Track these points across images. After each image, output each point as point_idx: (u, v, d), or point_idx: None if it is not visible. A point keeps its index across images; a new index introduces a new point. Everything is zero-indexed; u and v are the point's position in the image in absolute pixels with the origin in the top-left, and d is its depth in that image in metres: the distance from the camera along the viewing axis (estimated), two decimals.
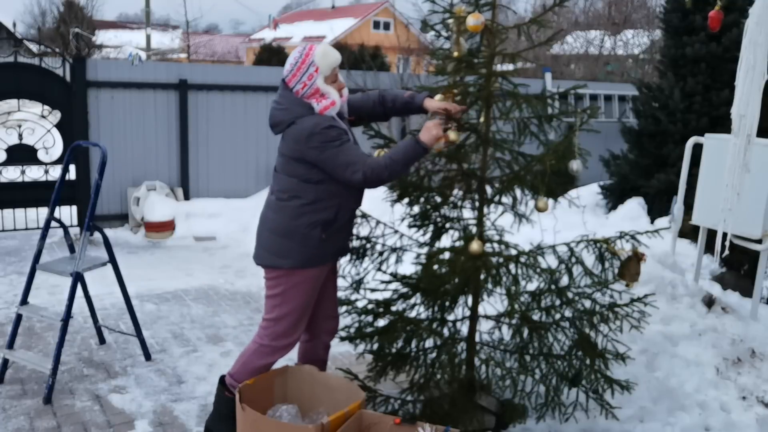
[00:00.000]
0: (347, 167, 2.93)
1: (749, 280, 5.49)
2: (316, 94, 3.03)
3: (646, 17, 19.51)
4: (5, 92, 7.20)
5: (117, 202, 7.92)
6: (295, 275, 3.10)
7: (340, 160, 2.94)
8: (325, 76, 3.03)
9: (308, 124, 2.97)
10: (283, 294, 3.13)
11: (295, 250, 3.08)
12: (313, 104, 3.02)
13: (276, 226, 3.11)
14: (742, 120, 3.25)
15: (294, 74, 3.04)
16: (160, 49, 29.76)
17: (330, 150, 2.94)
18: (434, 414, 3.29)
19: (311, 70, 3.02)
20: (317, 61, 3.02)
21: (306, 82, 3.02)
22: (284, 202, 3.10)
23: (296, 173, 3.06)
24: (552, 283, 3.28)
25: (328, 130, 2.96)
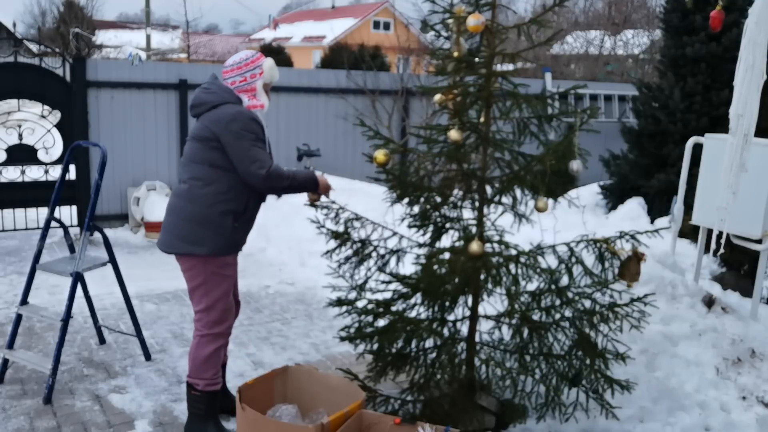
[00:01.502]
0: (255, 161, 3.09)
1: (749, 280, 5.49)
2: (251, 91, 3.24)
3: (646, 17, 19.51)
4: (5, 92, 7.20)
5: (117, 202, 7.92)
6: (211, 263, 3.22)
7: (251, 153, 3.09)
8: (264, 83, 3.27)
9: (233, 110, 3.12)
10: (206, 283, 3.24)
11: (209, 237, 3.18)
12: (244, 98, 3.23)
13: (189, 213, 3.19)
14: (740, 120, 3.25)
15: (238, 67, 3.24)
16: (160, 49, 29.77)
17: (245, 141, 3.09)
18: (434, 414, 3.29)
19: (257, 70, 3.25)
20: (265, 66, 3.26)
21: (247, 77, 3.23)
22: (198, 190, 3.18)
23: (209, 159, 3.15)
24: (552, 283, 3.28)
25: (250, 122, 3.13)
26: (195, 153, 3.20)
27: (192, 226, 3.19)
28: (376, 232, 3.54)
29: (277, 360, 4.43)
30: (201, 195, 3.19)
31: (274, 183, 3.13)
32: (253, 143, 3.11)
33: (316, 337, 4.91)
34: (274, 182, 3.13)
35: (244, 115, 3.12)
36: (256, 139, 3.12)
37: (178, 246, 3.23)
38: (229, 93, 3.21)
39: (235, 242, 3.29)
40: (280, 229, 7.26)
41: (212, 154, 3.15)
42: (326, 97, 9.03)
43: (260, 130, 3.16)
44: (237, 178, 3.16)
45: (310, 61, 30.23)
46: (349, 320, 3.61)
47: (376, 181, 3.51)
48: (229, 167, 3.15)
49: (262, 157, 3.11)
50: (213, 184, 3.16)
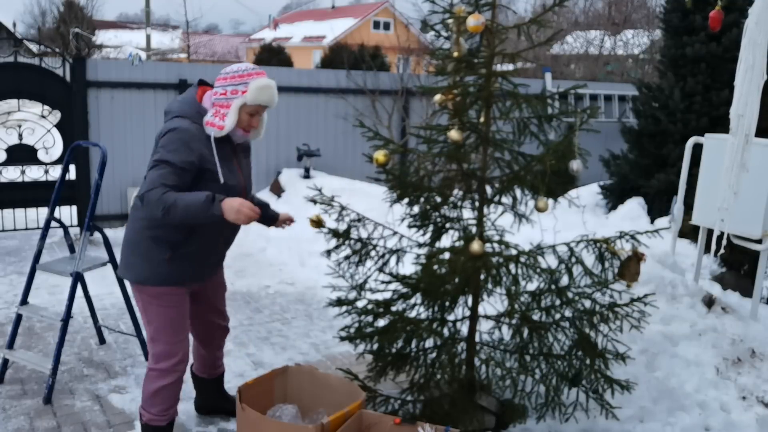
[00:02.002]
0: (144, 181, 2.72)
1: (749, 280, 5.49)
2: (222, 108, 2.80)
3: (646, 17, 19.52)
4: (5, 92, 7.20)
5: (117, 202, 7.92)
6: (142, 291, 2.93)
7: (149, 172, 2.71)
8: (245, 103, 2.80)
9: (172, 125, 2.76)
10: (145, 311, 2.98)
11: (138, 264, 2.90)
12: (209, 112, 2.83)
13: (126, 234, 2.97)
14: (741, 120, 3.25)
15: (225, 77, 2.83)
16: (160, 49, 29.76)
17: (156, 155, 2.72)
18: (434, 414, 3.29)
19: (240, 87, 2.80)
20: (251, 85, 2.78)
21: (228, 92, 2.80)
22: (135, 210, 2.94)
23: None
24: (552, 283, 3.28)
25: (175, 138, 2.71)
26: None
27: (125, 248, 2.96)
28: (376, 232, 3.54)
29: (277, 360, 4.43)
30: (135, 217, 2.93)
31: (149, 208, 2.68)
32: (157, 162, 2.69)
33: (316, 337, 4.91)
34: (148, 208, 2.68)
35: (177, 129, 2.73)
36: (163, 159, 2.69)
37: (120, 268, 3.02)
38: (191, 106, 2.84)
39: (170, 275, 2.90)
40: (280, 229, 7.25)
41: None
42: (326, 97, 9.03)
43: (179, 152, 2.69)
44: None
45: (310, 61, 30.24)
46: (349, 320, 3.61)
47: (376, 181, 3.51)
48: None
49: (152, 178, 2.66)
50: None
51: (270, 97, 2.84)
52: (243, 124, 2.85)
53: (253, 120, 2.87)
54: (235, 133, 2.86)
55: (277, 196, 8.45)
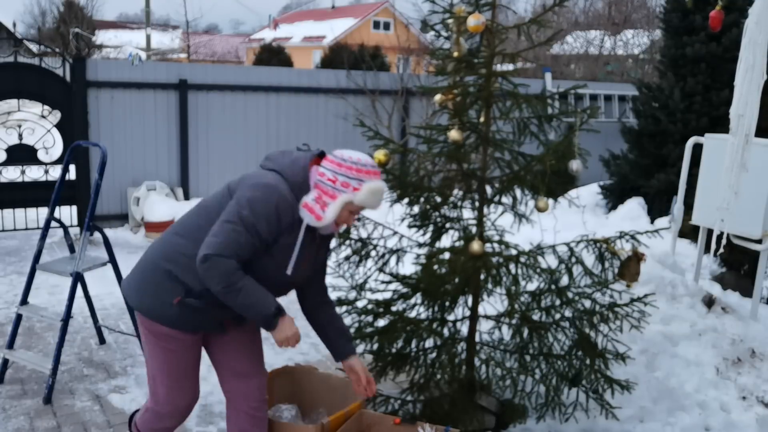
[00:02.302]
0: (216, 236, 2.33)
1: (749, 280, 5.49)
2: (327, 196, 2.43)
3: (646, 17, 19.52)
4: (5, 92, 7.20)
5: (117, 202, 7.92)
6: (146, 325, 2.56)
7: (226, 227, 2.33)
8: (350, 201, 2.44)
9: (271, 182, 2.40)
10: (147, 344, 2.62)
11: (147, 292, 2.52)
12: (312, 192, 2.44)
13: (148, 255, 2.58)
14: (741, 120, 3.25)
15: (340, 164, 2.45)
16: (160, 49, 29.76)
17: (238, 212, 2.34)
18: (434, 414, 3.29)
19: (353, 183, 2.43)
20: (365, 187, 2.44)
21: (338, 180, 2.43)
22: (170, 234, 2.55)
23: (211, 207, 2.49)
24: (552, 283, 3.28)
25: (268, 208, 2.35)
26: (212, 199, 2.53)
27: (137, 268, 2.59)
28: (376, 232, 3.54)
29: (277, 360, 4.43)
30: (166, 240, 2.54)
31: (210, 275, 2.32)
32: (239, 223, 2.33)
33: (316, 337, 4.90)
34: (209, 273, 2.32)
35: (276, 191, 2.37)
36: (248, 225, 2.33)
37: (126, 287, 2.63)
38: (300, 173, 2.45)
39: (182, 320, 2.51)
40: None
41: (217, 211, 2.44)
42: (326, 97, 9.03)
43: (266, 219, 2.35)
44: None
45: (310, 61, 30.24)
46: (349, 320, 3.61)
47: None
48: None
49: (229, 241, 2.31)
50: (186, 236, 2.48)
51: (379, 203, 2.52)
52: (340, 220, 2.50)
53: (351, 218, 2.52)
54: (328, 228, 2.52)
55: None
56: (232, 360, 2.72)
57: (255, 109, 8.55)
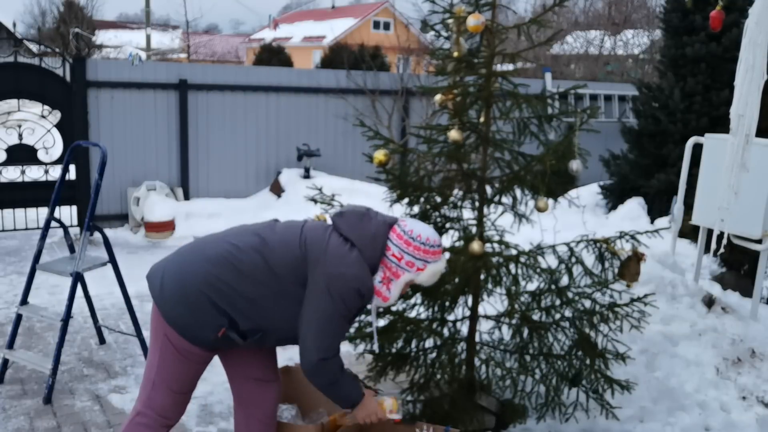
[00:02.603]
0: (323, 337, 2.38)
1: (749, 280, 5.49)
2: (392, 274, 2.47)
3: (646, 17, 19.52)
4: (5, 92, 7.20)
5: (117, 202, 7.92)
6: (171, 335, 2.46)
7: (327, 324, 2.38)
8: (413, 279, 2.49)
9: (359, 273, 2.39)
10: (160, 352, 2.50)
11: (181, 309, 2.42)
12: (379, 273, 2.47)
13: (189, 274, 2.44)
14: (741, 120, 3.25)
15: (409, 243, 2.45)
16: (160, 49, 29.76)
17: (335, 306, 2.36)
18: (434, 414, 3.29)
19: (419, 263, 2.46)
20: (430, 269, 2.48)
21: (404, 258, 2.45)
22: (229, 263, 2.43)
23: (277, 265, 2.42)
24: (552, 283, 3.28)
25: (359, 299, 2.41)
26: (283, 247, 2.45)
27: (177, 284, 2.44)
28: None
29: (277, 360, 4.42)
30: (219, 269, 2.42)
31: (320, 376, 2.43)
32: (338, 315, 2.37)
33: None
34: (319, 374, 2.43)
35: (359, 288, 2.38)
36: (346, 317, 2.40)
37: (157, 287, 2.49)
38: (376, 252, 2.45)
39: (209, 343, 2.48)
40: None
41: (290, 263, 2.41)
42: (326, 97, 9.03)
43: (357, 311, 2.45)
44: (271, 308, 2.42)
45: (310, 61, 30.24)
46: None
47: (376, 181, 3.51)
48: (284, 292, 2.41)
49: (335, 339, 2.41)
50: (245, 278, 2.40)
51: (433, 279, 2.56)
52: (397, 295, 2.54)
53: (405, 289, 2.55)
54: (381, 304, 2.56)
55: (277, 196, 8.45)
56: (249, 366, 2.69)
57: (255, 109, 8.55)
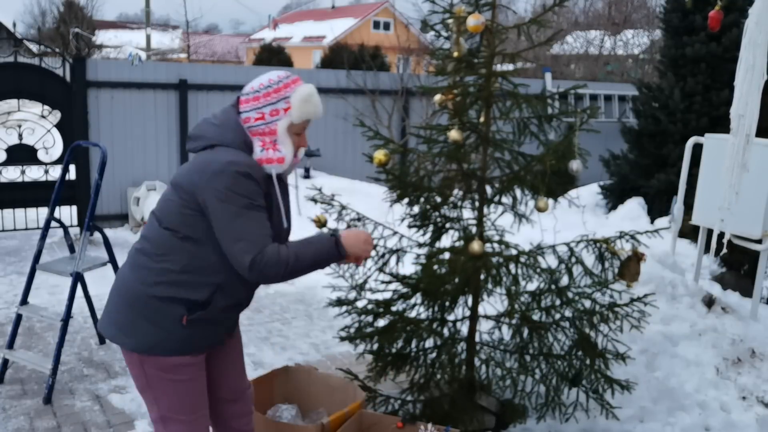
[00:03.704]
0: (239, 240, 2.12)
1: (749, 280, 5.49)
2: (268, 136, 2.24)
3: (646, 17, 19.53)
4: (5, 92, 7.20)
5: (117, 202, 7.92)
6: (147, 363, 2.25)
7: (236, 225, 2.12)
8: (291, 122, 2.26)
9: (226, 158, 2.16)
10: (150, 387, 2.30)
11: (142, 328, 2.22)
12: (256, 145, 2.24)
13: (127, 288, 2.27)
14: (741, 120, 3.25)
15: (256, 97, 2.25)
16: (160, 49, 29.76)
17: (232, 205, 2.13)
18: (434, 414, 3.29)
19: (281, 104, 2.24)
20: (294, 99, 2.25)
21: (266, 114, 2.23)
22: (146, 256, 2.25)
23: (175, 222, 2.21)
24: (552, 283, 3.28)
25: (246, 180, 2.14)
26: (165, 203, 2.27)
27: (125, 307, 2.25)
28: (376, 232, 3.54)
29: (277, 360, 4.43)
30: (143, 265, 2.25)
31: (267, 271, 2.14)
32: (243, 211, 2.13)
33: (316, 337, 4.91)
34: (265, 273, 2.14)
35: (238, 169, 2.14)
36: (249, 206, 2.14)
37: (109, 329, 2.30)
38: (238, 132, 2.23)
39: (192, 342, 2.28)
40: None
41: (182, 213, 2.20)
42: (326, 97, 9.01)
43: (259, 193, 2.19)
44: (205, 257, 2.20)
45: (310, 61, 30.24)
46: (349, 320, 3.61)
47: (376, 181, 3.51)
48: (198, 238, 2.19)
49: (252, 234, 2.13)
50: (165, 256, 2.21)
51: (316, 107, 2.30)
52: (294, 148, 2.32)
53: (301, 140, 2.33)
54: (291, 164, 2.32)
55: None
56: (228, 378, 2.55)
57: None
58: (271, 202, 2.26)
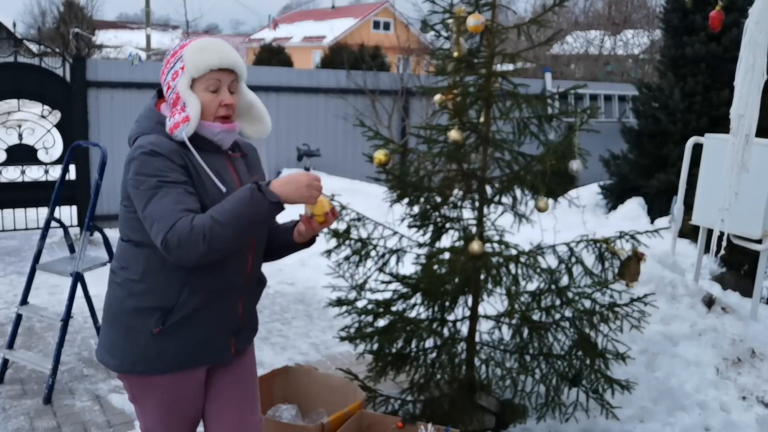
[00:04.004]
0: (152, 222, 1.92)
1: (749, 280, 5.49)
2: (177, 103, 2.05)
3: (646, 17, 19.53)
4: (5, 92, 7.20)
5: (117, 202, 7.89)
6: (129, 381, 2.13)
7: (149, 208, 1.93)
8: (192, 78, 2.04)
9: (135, 144, 2.07)
10: (137, 404, 2.18)
11: (120, 346, 2.09)
12: (169, 118, 2.06)
13: (105, 308, 2.16)
14: (741, 120, 3.25)
15: (162, 71, 2.12)
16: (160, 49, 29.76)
17: (143, 189, 1.95)
18: (434, 414, 3.29)
19: (178, 65, 2.05)
20: (187, 54, 2.03)
21: (170, 83, 2.07)
22: (113, 273, 2.14)
23: (126, 230, 2.10)
24: (552, 283, 3.29)
25: (151, 158, 1.97)
26: (119, 215, 2.15)
27: (105, 326, 2.15)
28: (376, 232, 3.54)
29: (277, 360, 4.43)
30: (112, 282, 2.14)
31: (187, 249, 1.88)
32: (152, 192, 1.94)
33: (316, 337, 4.91)
34: (184, 249, 1.88)
35: (141, 151, 2.00)
36: (157, 184, 1.94)
37: (99, 351, 2.18)
38: (150, 118, 2.12)
39: (163, 357, 2.06)
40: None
41: (126, 218, 2.08)
42: (326, 97, 9.03)
43: (168, 166, 1.97)
44: (160, 258, 2.00)
45: (310, 61, 30.24)
46: (349, 320, 3.61)
47: (376, 181, 3.51)
48: (142, 239, 2.03)
49: (163, 211, 1.91)
50: (126, 268, 2.08)
51: (215, 54, 2.05)
52: (212, 110, 2.06)
53: (220, 97, 2.06)
54: (211, 130, 2.06)
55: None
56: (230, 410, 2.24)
57: None
58: (197, 171, 2.02)
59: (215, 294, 2.08)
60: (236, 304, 2.15)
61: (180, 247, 1.88)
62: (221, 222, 1.88)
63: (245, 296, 2.17)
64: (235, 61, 2.08)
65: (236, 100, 2.12)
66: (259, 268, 2.21)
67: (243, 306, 2.17)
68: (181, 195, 1.95)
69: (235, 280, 2.11)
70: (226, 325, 2.14)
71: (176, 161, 1.98)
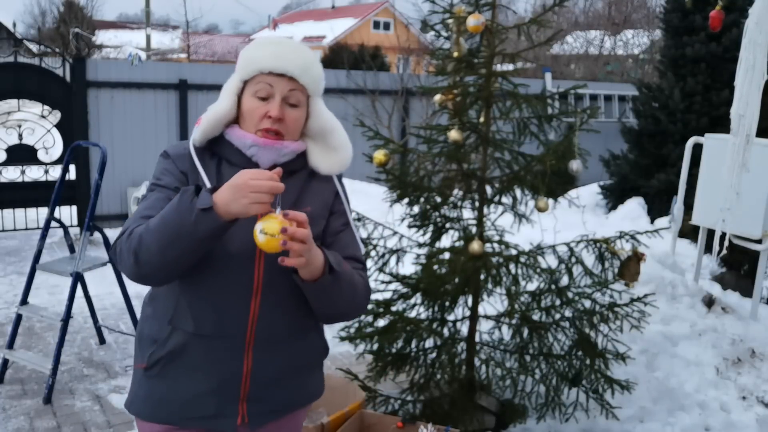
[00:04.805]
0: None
1: (749, 280, 5.49)
2: None
3: (646, 17, 19.54)
4: (5, 92, 7.20)
5: (117, 202, 7.92)
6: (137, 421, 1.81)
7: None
8: (241, 79, 1.72)
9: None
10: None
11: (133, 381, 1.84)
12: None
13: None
14: (741, 120, 3.25)
15: None
16: (160, 49, 29.77)
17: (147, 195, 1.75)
18: (434, 414, 3.29)
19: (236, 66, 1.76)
20: (242, 52, 1.75)
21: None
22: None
23: None
24: (552, 283, 3.29)
25: (160, 158, 1.77)
26: None
27: None
28: (376, 232, 3.54)
29: None
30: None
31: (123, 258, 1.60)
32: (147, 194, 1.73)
33: None
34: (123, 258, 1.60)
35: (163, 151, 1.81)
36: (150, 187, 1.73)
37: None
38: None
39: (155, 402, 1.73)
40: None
41: None
42: (326, 97, 9.00)
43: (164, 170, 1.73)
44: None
45: None
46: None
47: (376, 181, 3.51)
48: None
49: (131, 217, 1.66)
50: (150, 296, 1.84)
51: (270, 55, 1.69)
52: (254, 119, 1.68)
53: (268, 106, 1.68)
54: (242, 141, 1.69)
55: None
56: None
57: None
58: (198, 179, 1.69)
59: (199, 339, 1.68)
60: (238, 361, 1.69)
61: (121, 254, 1.60)
62: (150, 228, 1.54)
63: (255, 354, 1.69)
64: (295, 68, 1.70)
65: (293, 115, 1.73)
66: (280, 321, 1.71)
67: (253, 365, 1.70)
68: (159, 201, 1.65)
69: (228, 327, 1.67)
70: (225, 386, 1.70)
71: (178, 165, 1.72)
